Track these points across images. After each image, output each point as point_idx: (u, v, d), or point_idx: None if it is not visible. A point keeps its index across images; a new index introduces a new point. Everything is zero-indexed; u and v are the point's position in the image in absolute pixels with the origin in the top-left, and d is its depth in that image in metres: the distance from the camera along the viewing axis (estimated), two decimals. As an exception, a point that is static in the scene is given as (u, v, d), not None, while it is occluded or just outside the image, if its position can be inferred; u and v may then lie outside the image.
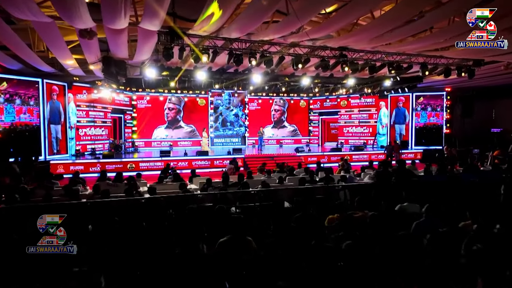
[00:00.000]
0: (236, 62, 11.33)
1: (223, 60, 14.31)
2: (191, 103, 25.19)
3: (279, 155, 19.19)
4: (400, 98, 23.87)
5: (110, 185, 8.53)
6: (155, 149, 23.74)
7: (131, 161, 17.24)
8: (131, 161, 17.25)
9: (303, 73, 17.43)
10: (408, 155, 22.04)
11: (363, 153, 21.46)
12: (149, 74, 14.69)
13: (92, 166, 16.66)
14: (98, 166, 16.70)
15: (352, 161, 19.75)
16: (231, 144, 25.97)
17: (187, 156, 17.76)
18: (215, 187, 8.09)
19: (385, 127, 24.73)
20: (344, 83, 18.34)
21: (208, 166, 17.93)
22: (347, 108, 26.43)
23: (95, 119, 19.84)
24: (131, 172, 16.81)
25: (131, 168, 17.04)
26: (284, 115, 27.77)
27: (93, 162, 16.68)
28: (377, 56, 12.99)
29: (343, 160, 15.05)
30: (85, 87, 19.09)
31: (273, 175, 10.51)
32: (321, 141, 28.10)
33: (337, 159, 19.83)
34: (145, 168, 17.22)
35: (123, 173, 9.13)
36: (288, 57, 12.08)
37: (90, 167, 16.63)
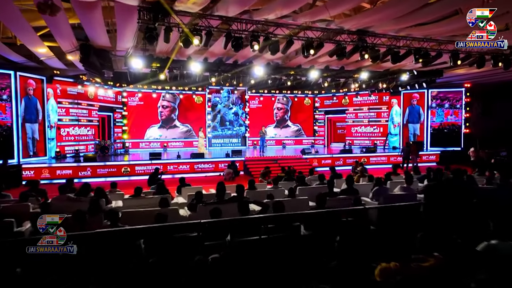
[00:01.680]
0: (235, 47, 9.39)
1: (221, 48, 12.38)
2: (187, 101, 23.24)
3: (284, 157, 17.25)
4: (414, 95, 21.91)
5: (70, 200, 6.58)
6: (147, 150, 21.76)
7: (115, 165, 15.24)
8: (116, 165, 15.25)
9: (311, 66, 15.49)
10: (423, 157, 20.09)
11: (377, 155, 19.50)
12: (135, 65, 12.75)
13: (82, 170, 14.72)
14: (88, 170, 14.79)
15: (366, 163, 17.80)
16: (230, 145, 24.05)
17: (180, 159, 15.80)
18: (207, 203, 6.16)
19: (397, 126, 22.78)
20: (357, 77, 16.39)
21: (204, 170, 15.96)
22: (355, 106, 24.47)
23: (80, 118, 17.89)
24: (127, 177, 14.93)
25: (126, 172, 15.10)
26: (287, 114, 25.82)
27: (75, 166, 14.69)
28: (401, 43, 11.05)
29: (359, 165, 13.10)
30: (67, 82, 17.15)
31: (281, 184, 8.58)
32: (327, 141, 26.14)
33: (350, 162, 17.86)
34: (142, 172, 15.24)
35: (89, 183, 7.16)
36: (297, 42, 10.14)
37: (79, 171, 14.71)
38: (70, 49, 11.96)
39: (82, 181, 14.20)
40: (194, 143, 22.91)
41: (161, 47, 12.11)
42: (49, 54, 12.44)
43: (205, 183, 13.98)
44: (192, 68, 13.61)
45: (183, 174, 15.37)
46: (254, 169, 15.64)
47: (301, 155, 17.66)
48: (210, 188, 12.29)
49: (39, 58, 12.92)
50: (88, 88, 18.25)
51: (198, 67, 13.54)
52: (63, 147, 16.86)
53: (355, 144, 23.99)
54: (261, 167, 15.10)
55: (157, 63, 13.09)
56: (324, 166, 17.68)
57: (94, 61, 13.00)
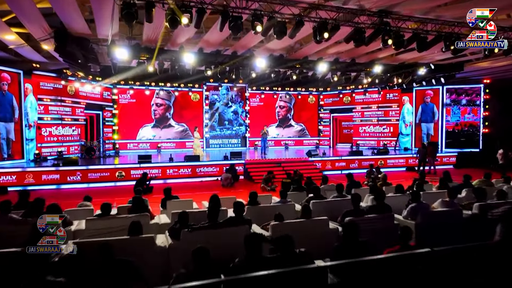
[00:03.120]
0: (233, 29, 7.77)
1: (217, 36, 10.77)
2: (182, 98, 21.63)
3: (288, 160, 15.62)
4: (428, 92, 20.28)
5: (14, 223, 4.96)
6: (140, 151, 20.17)
7: (108, 169, 13.53)
8: (109, 169, 13.53)
9: (319, 58, 13.87)
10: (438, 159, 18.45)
11: (394, 156, 17.82)
12: (120, 56, 11.13)
13: (70, 174, 13.00)
14: (78, 174, 13.08)
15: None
16: (230, 146, 22.45)
17: (173, 162, 14.14)
18: (193, 228, 4.54)
19: (409, 126, 21.15)
20: (369, 70, 14.75)
21: (200, 175, 14.31)
22: (363, 104, 22.82)
23: (63, 116, 16.24)
24: (121, 182, 13.27)
25: (120, 176, 13.42)
26: (290, 112, 24.17)
27: (62, 170, 12.93)
28: (429, 27, 9.42)
29: (377, 170, 11.47)
30: (49, 77, 15.53)
31: (290, 196, 6.92)
32: (332, 142, 24.50)
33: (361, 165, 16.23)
34: (138, 177, 13.47)
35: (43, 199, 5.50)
36: (308, 24, 8.48)
37: (68, 175, 12.98)
38: (42, 36, 10.32)
39: (71, 188, 12.78)
40: (187, 144, 21.32)
41: (148, 33, 10.49)
42: (19, 42, 10.81)
43: (200, 190, 12.39)
44: (185, 59, 12.00)
45: (175, 179, 13.85)
46: (255, 173, 14.02)
47: (307, 157, 16.03)
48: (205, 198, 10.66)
49: (8, 46, 11.29)
50: (74, 84, 16.62)
51: (191, 58, 11.92)
52: (42, 149, 15.18)
53: (363, 145, 22.37)
54: (263, 171, 13.52)
55: (145, 54, 11.46)
56: (333, 169, 16.07)
57: (74, 51, 11.38)
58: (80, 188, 12.62)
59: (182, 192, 11.88)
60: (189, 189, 12.54)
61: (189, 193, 11.76)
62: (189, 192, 11.85)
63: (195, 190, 12.28)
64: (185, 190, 12.29)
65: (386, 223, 5.59)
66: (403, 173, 16.43)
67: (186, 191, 12.10)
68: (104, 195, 11.12)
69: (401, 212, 6.27)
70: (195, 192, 11.88)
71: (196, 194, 11.52)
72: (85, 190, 12.55)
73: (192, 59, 11.95)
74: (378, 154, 17.47)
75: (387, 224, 5.60)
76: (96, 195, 11.42)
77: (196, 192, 11.89)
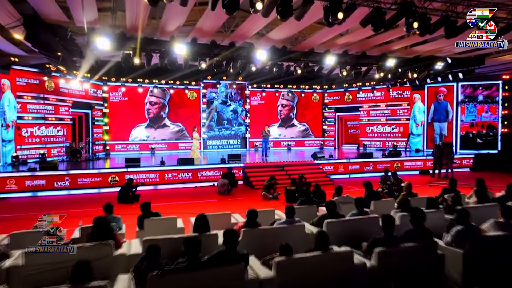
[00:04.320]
0: (227, 7, 6.40)
1: (211, 23, 9.41)
2: (178, 97, 20.26)
3: (292, 163, 14.23)
4: (441, 89, 18.89)
5: None
6: (133, 153, 18.87)
7: (100, 173, 12.04)
8: (101, 173, 12.03)
9: (326, 50, 12.50)
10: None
11: (411, 158, 16.39)
12: (101, 46, 9.76)
13: (59, 180, 11.60)
14: (67, 180, 11.67)
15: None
16: (229, 147, 21.11)
17: (164, 166, 12.75)
18: (166, 270, 3.18)
19: (420, 125, 19.75)
20: (381, 64, 13.35)
21: (193, 180, 12.89)
22: (371, 102, 21.41)
23: (46, 116, 14.89)
24: (106, 189, 11.87)
25: (113, 182, 12.00)
26: (293, 111, 22.78)
27: (49, 175, 11.49)
28: (459, 9, 8.03)
29: (393, 177, 10.09)
30: (30, 72, 14.20)
31: (298, 213, 5.53)
32: (337, 143, 23.11)
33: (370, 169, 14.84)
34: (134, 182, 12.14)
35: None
36: (318, 3, 7.09)
37: (55, 181, 11.57)
38: (10, 22, 8.97)
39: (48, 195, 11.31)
40: (180, 145, 19.98)
41: (132, 18, 9.12)
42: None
43: (193, 198, 11.02)
44: (177, 50, 10.63)
45: (167, 185, 12.50)
46: (255, 178, 12.64)
47: (312, 159, 14.64)
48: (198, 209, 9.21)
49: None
50: (58, 80, 15.27)
51: (183, 49, 10.58)
52: (21, 151, 13.83)
53: (370, 146, 20.99)
54: (265, 176, 12.15)
55: (131, 44, 10.10)
56: (340, 173, 14.67)
57: (51, 41, 10.04)
58: (58, 196, 11.26)
59: (172, 200, 10.56)
60: (181, 196, 11.19)
61: (180, 201, 10.42)
62: (180, 201, 10.51)
63: (188, 198, 10.92)
64: (176, 197, 10.96)
65: (427, 253, 4.23)
66: (416, 177, 15.03)
67: (177, 199, 10.76)
68: (84, 205, 9.80)
69: (439, 234, 4.90)
70: (187, 201, 10.53)
71: (187, 204, 10.18)
72: (64, 198, 11.23)
73: (184, 51, 10.60)
74: (389, 156, 16.05)
75: (428, 255, 4.24)
76: (74, 204, 10.16)
77: (188, 201, 10.54)
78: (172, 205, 9.91)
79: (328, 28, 9.62)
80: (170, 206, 9.76)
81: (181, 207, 9.64)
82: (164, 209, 9.43)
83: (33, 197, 11.24)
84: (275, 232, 4.78)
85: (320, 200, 8.64)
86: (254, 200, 10.55)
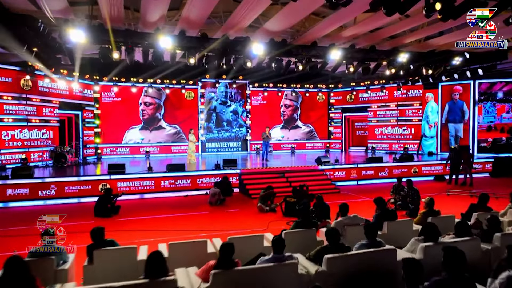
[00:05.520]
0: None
1: (199, 12, 8.22)
2: (175, 97, 19.15)
3: (294, 169, 12.95)
4: (456, 88, 17.48)
5: None
6: (126, 157, 17.83)
7: (90, 181, 10.89)
8: (91, 181, 10.88)
9: (331, 44, 11.24)
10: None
11: (430, 163, 15.00)
12: (75, 39, 8.62)
13: (43, 188, 10.47)
14: (52, 188, 10.53)
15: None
16: (229, 150, 19.95)
17: (151, 173, 11.54)
18: None
19: (433, 127, 18.36)
20: (392, 60, 12.04)
21: (184, 188, 11.67)
22: (380, 102, 20.05)
23: (29, 117, 13.83)
24: (86, 198, 10.66)
25: (104, 190, 10.78)
26: (297, 112, 21.51)
27: (32, 183, 10.43)
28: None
29: (408, 186, 8.80)
30: (10, 70, 13.16)
31: (293, 239, 4.25)
32: (344, 145, 21.77)
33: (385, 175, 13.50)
34: (126, 190, 10.99)
35: None
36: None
37: (40, 189, 10.45)
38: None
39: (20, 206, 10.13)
40: (177, 148, 18.84)
41: (107, 7, 7.95)
42: None
43: (181, 209, 9.80)
44: (162, 44, 9.45)
45: (154, 194, 11.34)
46: (253, 186, 11.40)
47: (316, 165, 13.36)
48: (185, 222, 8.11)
49: None
50: (43, 80, 14.23)
51: (169, 42, 9.39)
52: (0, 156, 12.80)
53: (379, 148, 19.67)
54: (263, 183, 10.95)
55: (108, 36, 8.95)
56: (346, 179, 13.37)
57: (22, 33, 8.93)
58: (32, 207, 10.11)
59: (158, 212, 9.36)
60: (169, 207, 9.99)
61: (165, 214, 9.24)
62: (166, 213, 9.32)
63: (176, 210, 9.73)
64: (163, 209, 9.77)
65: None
66: (431, 184, 13.69)
67: (163, 211, 9.57)
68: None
69: (475, 272, 3.63)
70: (175, 213, 9.35)
71: (173, 217, 9.00)
72: (39, 208, 10.09)
73: (170, 44, 9.41)
74: (400, 160, 14.69)
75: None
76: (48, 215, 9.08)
77: (176, 213, 9.36)
78: (155, 220, 8.73)
79: (331, 17, 8.40)
80: (153, 221, 8.59)
81: (164, 222, 8.46)
82: (144, 224, 8.28)
83: (3, 208, 10.13)
84: (257, 275, 3.55)
85: (322, 215, 7.42)
86: (249, 213, 9.33)
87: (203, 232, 7.28)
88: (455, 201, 10.37)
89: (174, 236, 6.86)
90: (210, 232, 7.19)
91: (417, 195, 8.64)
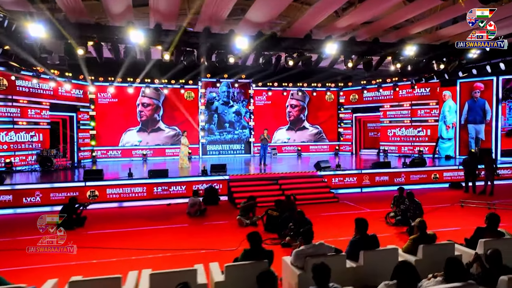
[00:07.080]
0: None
1: (168, 4, 7.28)
2: (174, 97, 18.36)
3: (289, 175, 11.83)
4: (477, 85, 15.89)
5: None
6: (124, 160, 17.20)
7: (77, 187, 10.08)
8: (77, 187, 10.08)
9: (327, 36, 10.07)
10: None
11: (449, 168, 13.58)
12: (35, 33, 7.85)
13: (27, 194, 9.77)
14: (37, 195, 9.81)
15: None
16: (231, 152, 19.04)
17: (131, 180, 10.67)
18: None
19: (451, 128, 16.79)
20: (398, 53, 10.72)
21: (166, 195, 10.69)
22: (393, 101, 18.62)
23: (15, 119, 13.31)
24: (96, 204, 9.88)
25: (92, 197, 10.06)
26: (304, 112, 20.32)
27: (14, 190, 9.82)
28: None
29: (409, 198, 7.58)
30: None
31: (239, 273, 3.24)
32: (355, 147, 20.41)
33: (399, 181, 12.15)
34: (116, 197, 10.34)
35: None
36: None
37: (24, 196, 9.75)
38: None
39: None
40: (170, 151, 18.06)
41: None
42: None
43: (159, 222, 8.85)
44: (133, 39, 8.56)
45: (133, 202, 10.48)
46: (240, 195, 10.30)
47: (315, 171, 12.18)
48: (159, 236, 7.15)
49: None
50: (31, 81, 13.71)
51: (140, 37, 8.49)
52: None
53: (392, 151, 18.26)
54: (252, 191, 9.94)
55: (74, 31, 8.14)
56: (350, 186, 12.14)
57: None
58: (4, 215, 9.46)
59: (132, 225, 8.45)
60: (146, 218, 9.09)
61: (140, 227, 8.34)
62: (141, 225, 8.41)
63: (153, 221, 8.80)
64: (139, 220, 8.88)
65: None
66: (445, 192, 12.26)
67: (138, 223, 8.67)
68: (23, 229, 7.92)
69: None
70: (151, 226, 8.42)
71: (148, 230, 8.07)
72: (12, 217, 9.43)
73: (141, 39, 8.52)
74: (411, 165, 13.30)
75: None
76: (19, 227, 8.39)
77: (152, 225, 8.43)
78: (122, 234, 7.83)
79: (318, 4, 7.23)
80: (120, 236, 7.69)
81: (131, 237, 7.54)
82: (110, 239, 7.38)
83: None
84: None
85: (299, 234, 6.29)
86: (227, 226, 8.30)
87: (168, 252, 6.44)
88: (469, 214, 8.97)
89: (136, 256, 6.06)
90: (174, 251, 6.29)
91: (419, 209, 7.40)
